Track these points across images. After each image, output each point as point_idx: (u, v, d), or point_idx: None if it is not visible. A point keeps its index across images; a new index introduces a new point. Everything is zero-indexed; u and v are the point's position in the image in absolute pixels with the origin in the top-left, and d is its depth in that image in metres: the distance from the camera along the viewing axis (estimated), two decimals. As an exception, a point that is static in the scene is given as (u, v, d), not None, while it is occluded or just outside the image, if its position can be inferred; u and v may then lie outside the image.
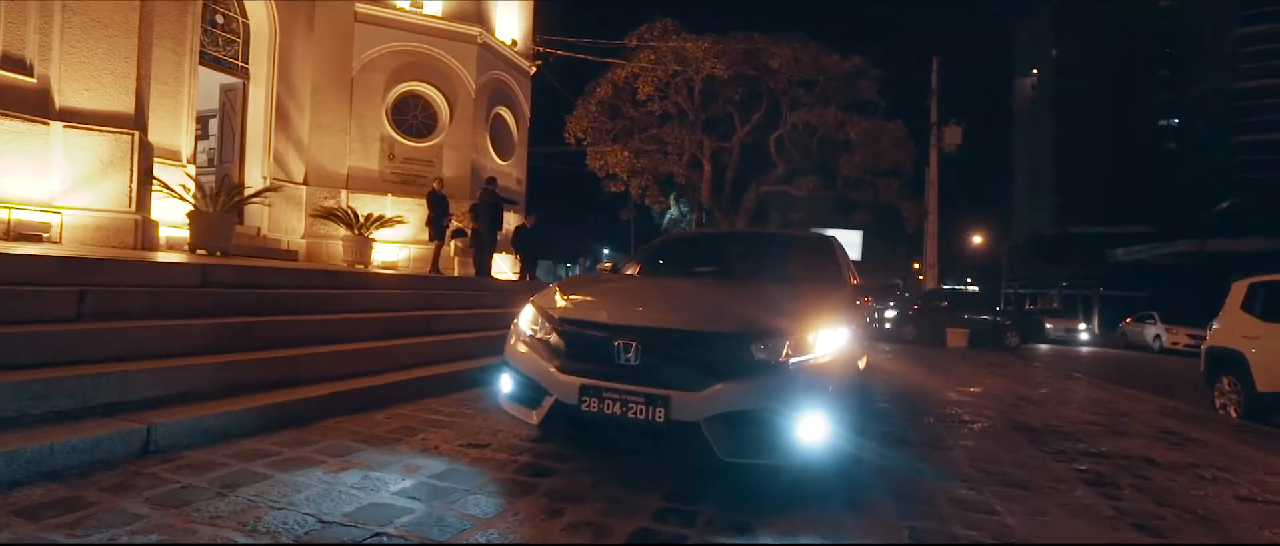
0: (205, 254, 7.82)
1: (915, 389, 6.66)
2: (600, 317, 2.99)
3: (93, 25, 7.21)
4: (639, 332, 2.82)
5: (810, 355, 2.75)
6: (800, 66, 16.01)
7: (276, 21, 11.00)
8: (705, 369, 2.68)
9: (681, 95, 17.25)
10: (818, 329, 2.83)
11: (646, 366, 2.75)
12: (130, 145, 7.42)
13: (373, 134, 12.29)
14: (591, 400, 2.73)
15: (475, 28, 12.94)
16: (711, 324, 2.88)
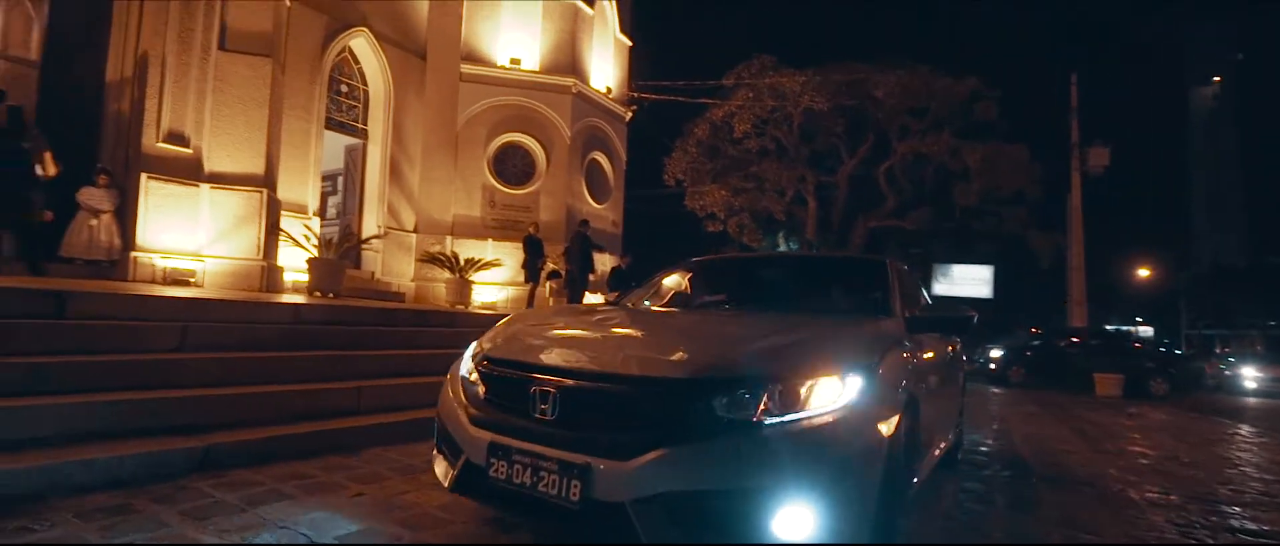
0: (319, 295, 8.65)
1: (1033, 447, 5.94)
2: (521, 355, 2.36)
3: (234, 102, 8.38)
4: (561, 375, 2.16)
5: (802, 413, 1.96)
6: (908, 93, 15.35)
7: (391, 87, 12.20)
8: (645, 427, 1.96)
9: (781, 131, 17.07)
10: (817, 375, 2.05)
11: (566, 421, 2.08)
12: (260, 202, 8.45)
13: (475, 183, 13.17)
14: (499, 464, 2.12)
15: (569, 79, 13.63)
16: (658, 366, 2.11)
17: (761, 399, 1.97)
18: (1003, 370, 14.33)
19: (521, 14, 13.57)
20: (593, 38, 14.46)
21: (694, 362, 2.11)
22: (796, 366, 2.08)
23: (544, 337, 2.53)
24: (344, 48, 11.55)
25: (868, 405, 2.09)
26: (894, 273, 3.40)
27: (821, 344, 2.31)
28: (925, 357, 2.99)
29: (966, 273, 27.71)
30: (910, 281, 3.83)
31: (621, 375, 2.11)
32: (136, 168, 7.77)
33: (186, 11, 8.09)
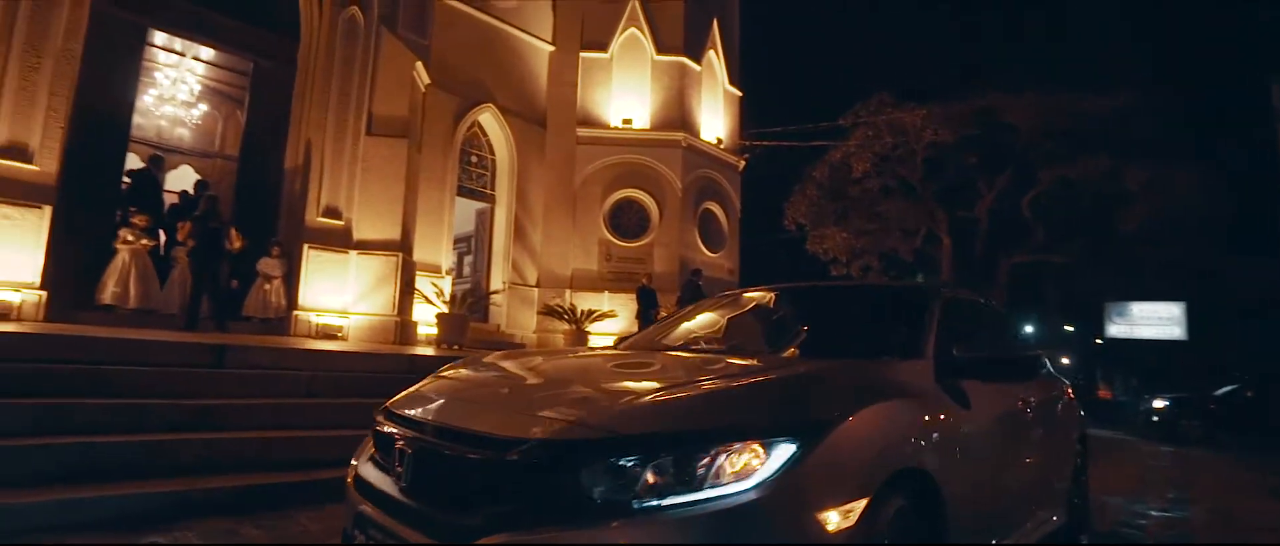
0: (444, 347, 9.49)
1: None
2: (408, 405, 2.05)
3: (377, 179, 9.62)
4: (420, 430, 1.85)
5: (696, 493, 1.46)
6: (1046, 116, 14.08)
7: (515, 154, 13.33)
8: (495, 503, 1.57)
9: (905, 168, 16.31)
10: (726, 441, 1.53)
11: (417, 490, 1.75)
12: (396, 264, 9.54)
13: (592, 238, 13.86)
14: (359, 534, 1.86)
15: (679, 134, 14.08)
16: (518, 424, 1.71)
17: (644, 473, 1.49)
18: (1171, 421, 12.07)
19: (631, 77, 14.33)
20: (701, 92, 14.88)
21: (558, 422, 1.67)
22: (697, 428, 1.59)
23: (451, 384, 2.22)
24: (473, 122, 12.85)
25: (803, 484, 1.52)
26: (938, 305, 2.73)
27: (741, 397, 1.81)
28: (967, 414, 2.28)
29: (1150, 311, 24.10)
30: (974, 317, 3.19)
31: (476, 434, 1.71)
32: (301, 239, 9.12)
33: (341, 105, 9.52)
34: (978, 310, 3.38)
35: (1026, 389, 2.96)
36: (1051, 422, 3.28)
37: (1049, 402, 3.32)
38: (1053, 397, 3.42)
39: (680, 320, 3.51)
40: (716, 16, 15.28)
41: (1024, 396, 2.89)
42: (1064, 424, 3.51)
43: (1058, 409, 3.43)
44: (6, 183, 6.80)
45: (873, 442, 1.77)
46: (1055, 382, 3.64)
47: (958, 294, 3.23)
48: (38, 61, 7.08)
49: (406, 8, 10.45)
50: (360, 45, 9.74)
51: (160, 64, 10.71)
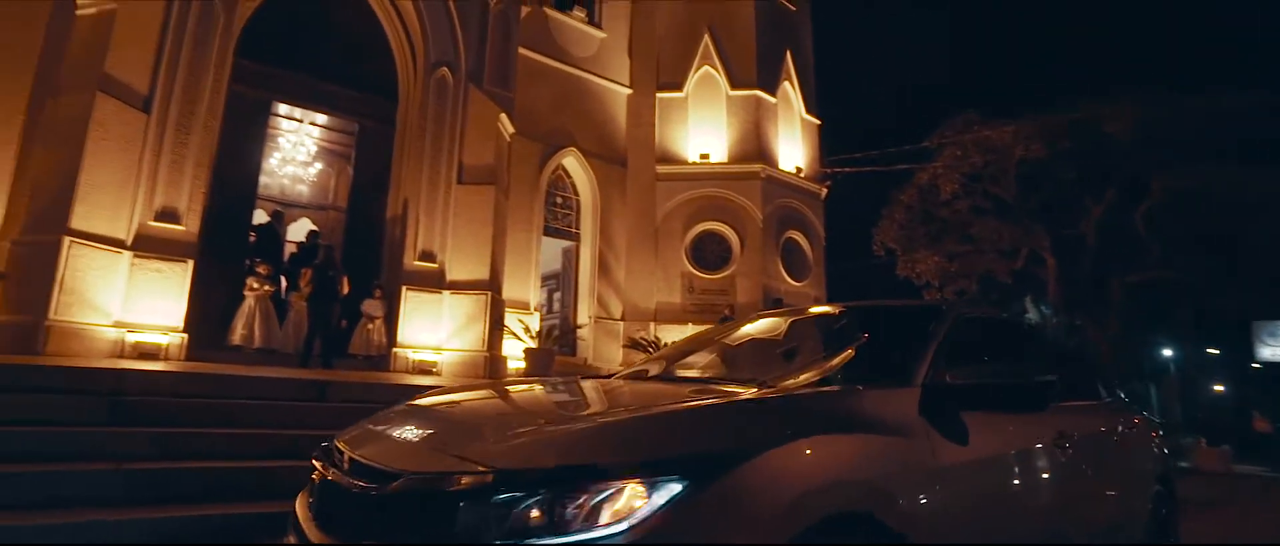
0: (531, 382, 9.87)
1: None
2: (339, 438, 2.03)
3: (466, 224, 10.28)
4: (332, 463, 1.85)
5: (580, 535, 1.37)
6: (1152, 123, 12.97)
7: (597, 193, 13.82)
8: (378, 535, 1.58)
9: (999, 186, 15.44)
10: (606, 481, 1.42)
11: (322, 520, 1.79)
12: (486, 303, 10.08)
13: (674, 272, 14.02)
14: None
15: (757, 165, 14.10)
16: (410, 457, 1.70)
17: (518, 511, 1.41)
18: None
19: (707, 113, 14.57)
20: (778, 123, 14.86)
21: (444, 455, 1.64)
22: (575, 463, 1.48)
23: (395, 416, 2.17)
24: (557, 166, 13.49)
25: (689, 526, 1.39)
26: (944, 325, 2.44)
27: (634, 431, 1.68)
28: (959, 451, 2.00)
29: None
30: (1004, 338, 2.92)
31: (368, 466, 1.69)
32: (400, 281, 9.86)
33: (434, 157, 10.31)
34: (1010, 330, 3.10)
35: (1068, 421, 2.62)
36: (1109, 462, 2.88)
37: (1104, 437, 2.94)
38: (1114, 431, 3.03)
39: (691, 346, 3.39)
40: (789, 48, 15.32)
41: (1064, 429, 2.55)
42: (1132, 463, 3.10)
43: (1121, 444, 3.03)
44: (160, 242, 7.86)
45: (796, 481, 1.57)
46: (1120, 413, 3.26)
47: (977, 312, 2.99)
48: (186, 138, 8.20)
49: (491, 64, 11.25)
50: (449, 102, 10.56)
51: (283, 130, 12.07)
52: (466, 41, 10.92)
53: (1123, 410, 3.32)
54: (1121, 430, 3.10)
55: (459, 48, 10.80)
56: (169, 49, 8.17)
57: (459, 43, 10.80)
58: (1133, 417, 3.32)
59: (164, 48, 8.14)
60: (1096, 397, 3.18)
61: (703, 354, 3.21)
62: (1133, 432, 3.20)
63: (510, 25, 11.82)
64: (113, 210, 7.56)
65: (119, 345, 7.37)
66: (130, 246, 7.64)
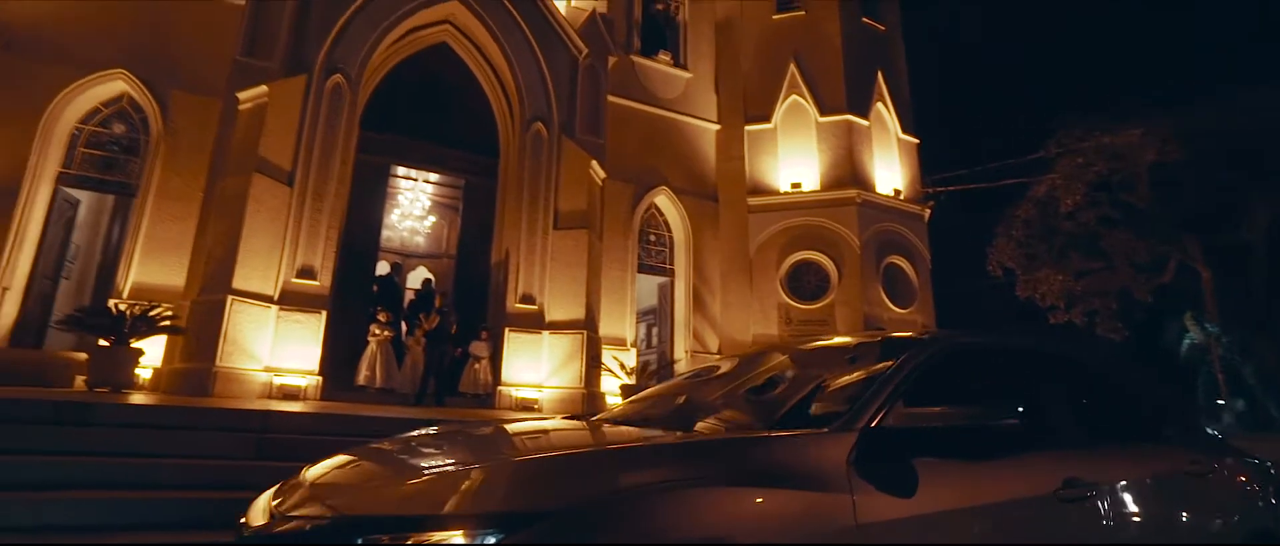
0: (627, 416, 10.17)
1: None
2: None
3: (562, 267, 10.88)
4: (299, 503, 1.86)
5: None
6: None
7: (689, 229, 14.09)
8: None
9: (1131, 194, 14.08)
10: (431, 531, 1.46)
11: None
12: (582, 341, 10.57)
13: (770, 303, 13.91)
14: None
15: (851, 191, 13.80)
16: (326, 501, 1.77)
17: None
18: None
19: (797, 142, 14.51)
20: (872, 145, 14.51)
21: (335, 504, 1.73)
22: (409, 515, 1.52)
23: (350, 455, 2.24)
24: (649, 205, 13.93)
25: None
26: (909, 360, 2.21)
27: (482, 477, 1.67)
28: (901, 508, 1.80)
29: None
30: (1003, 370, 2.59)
31: (280, 515, 1.78)
32: (503, 323, 10.57)
33: (532, 205, 11.05)
34: (1030, 360, 2.70)
35: (1092, 466, 2.26)
36: (1160, 513, 2.44)
37: (1156, 485, 2.47)
38: (1175, 476, 2.55)
39: (673, 388, 3.23)
40: (880, 68, 14.98)
41: (1080, 476, 2.19)
42: (1201, 515, 2.60)
43: (1177, 495, 2.55)
44: (300, 296, 9.03)
45: (650, 536, 1.50)
46: (1198, 455, 2.73)
47: (981, 341, 2.63)
48: (321, 205, 9.41)
49: (582, 115, 11.96)
50: (544, 153, 11.32)
51: (401, 188, 13.39)
52: (558, 96, 11.71)
53: (1206, 452, 2.84)
54: (1193, 476, 2.64)
55: (551, 102, 11.60)
56: (307, 129, 9.47)
57: (551, 98, 11.60)
58: (1214, 461, 2.79)
59: (303, 128, 9.45)
60: (1155, 439, 2.80)
61: (681, 394, 3.07)
62: (1211, 479, 2.70)
63: (599, 77, 12.52)
64: (264, 270, 8.79)
65: (268, 386, 8.48)
66: (277, 301, 8.83)
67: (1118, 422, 2.77)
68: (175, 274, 9.20)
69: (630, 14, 14.46)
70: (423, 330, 9.69)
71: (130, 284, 9.08)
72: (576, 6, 13.23)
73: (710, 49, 15.43)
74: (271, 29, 9.72)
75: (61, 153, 9.39)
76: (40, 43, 9.25)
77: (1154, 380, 3.41)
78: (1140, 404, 2.99)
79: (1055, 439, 2.37)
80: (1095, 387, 2.89)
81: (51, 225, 9.37)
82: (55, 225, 9.46)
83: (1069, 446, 2.34)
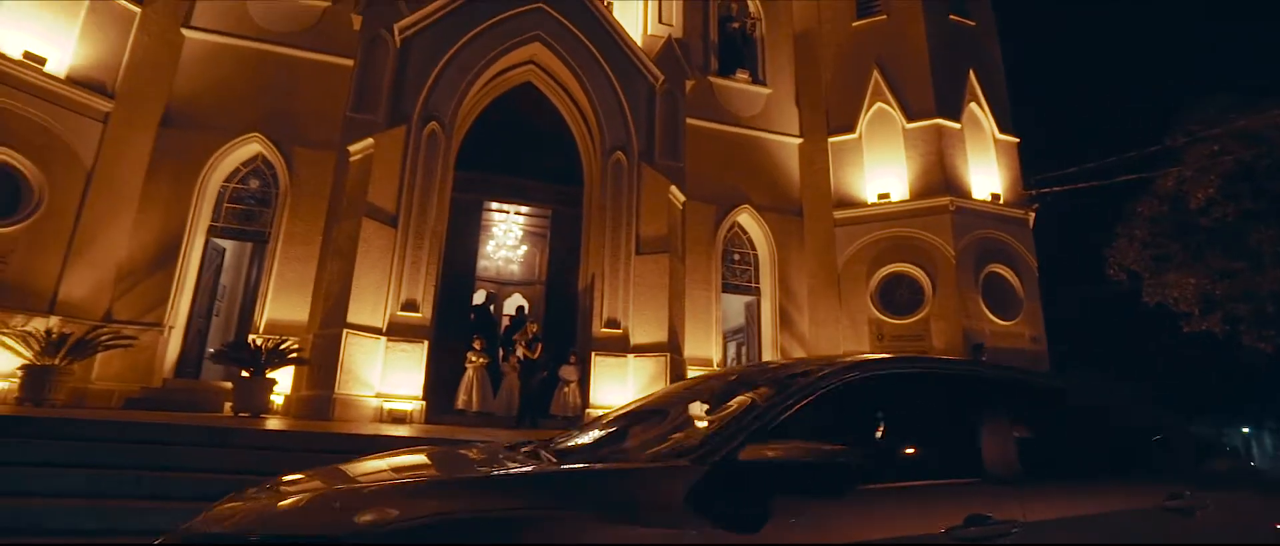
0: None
1: None
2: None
3: (644, 291, 11.17)
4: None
5: None
6: None
7: (773, 246, 13.98)
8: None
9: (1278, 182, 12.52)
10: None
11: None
12: (665, 363, 10.79)
13: (861, 318, 13.51)
14: None
15: (944, 199, 13.19)
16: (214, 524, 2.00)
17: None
18: None
19: (883, 151, 14.09)
20: (965, 148, 13.82)
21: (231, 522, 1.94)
22: (256, 538, 1.79)
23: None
24: (732, 224, 13.97)
25: None
26: (805, 387, 2.17)
27: (316, 503, 1.96)
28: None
29: None
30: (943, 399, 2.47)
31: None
32: (590, 347, 10.99)
33: (614, 232, 11.44)
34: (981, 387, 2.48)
35: (1009, 501, 2.09)
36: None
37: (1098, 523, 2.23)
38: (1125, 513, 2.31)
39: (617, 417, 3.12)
40: (971, 67, 14.27)
41: (985, 511, 2.03)
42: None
43: (1142, 533, 2.30)
44: (405, 328, 9.87)
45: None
46: (1157, 488, 2.43)
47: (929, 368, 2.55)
48: (421, 243, 10.26)
49: (661, 141, 12.25)
50: (625, 181, 11.70)
51: (495, 221, 14.26)
52: (637, 124, 12.09)
53: (1201, 485, 2.55)
54: (1175, 512, 2.39)
55: (630, 131, 11.99)
56: (407, 175, 10.38)
57: (629, 127, 12.00)
58: (1210, 496, 2.50)
59: (404, 174, 10.37)
60: (1127, 471, 2.56)
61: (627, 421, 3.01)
62: (1199, 515, 2.41)
63: (676, 102, 12.79)
64: (373, 305, 9.69)
65: (379, 411, 9.32)
66: (385, 332, 9.70)
67: (1076, 454, 2.57)
68: (300, 310, 10.34)
69: (707, 37, 14.67)
70: (516, 357, 10.29)
71: (265, 320, 10.30)
72: (653, 35, 13.64)
73: (789, 62, 15.32)
74: (375, 85, 10.78)
75: (211, 208, 10.84)
76: (197, 116, 10.76)
77: (1137, 407, 2.94)
78: (1110, 433, 2.73)
79: (973, 471, 2.21)
80: (1048, 416, 2.70)
81: (204, 271, 10.81)
82: (207, 271, 10.90)
83: (993, 480, 2.20)
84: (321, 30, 11.65)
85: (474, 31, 11.33)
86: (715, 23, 14.93)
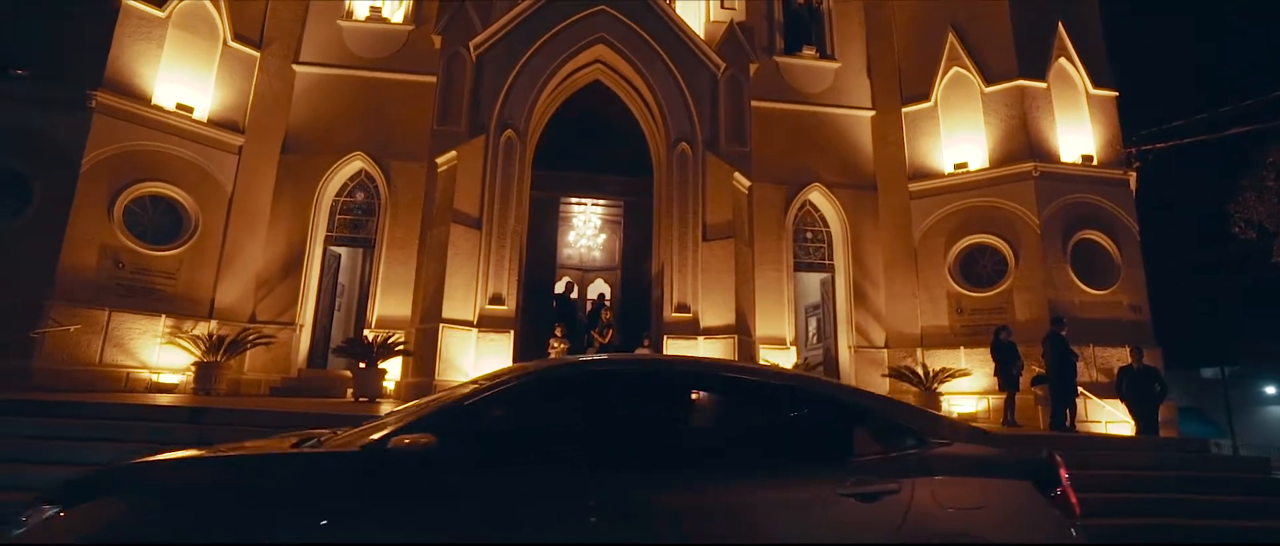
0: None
1: None
2: None
3: (712, 276, 11.62)
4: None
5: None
6: None
7: (846, 223, 13.94)
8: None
9: None
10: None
11: None
12: (734, 344, 11.26)
13: (939, 293, 13.26)
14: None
15: (1027, 164, 12.60)
16: None
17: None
18: None
19: (960, 118, 13.60)
20: (1052, 109, 13.06)
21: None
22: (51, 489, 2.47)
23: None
24: (803, 203, 14.06)
25: (42, 538, 2.35)
26: (514, 385, 2.77)
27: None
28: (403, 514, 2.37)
29: None
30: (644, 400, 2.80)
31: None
32: (662, 331, 11.65)
33: (681, 221, 11.94)
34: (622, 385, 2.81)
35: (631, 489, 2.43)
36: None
37: (726, 510, 2.47)
38: (776, 503, 2.50)
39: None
40: (1060, 19, 13.36)
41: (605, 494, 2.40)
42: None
43: (800, 521, 2.46)
44: (493, 320, 10.95)
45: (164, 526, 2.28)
46: (840, 477, 2.57)
47: (554, 373, 2.92)
48: (504, 242, 11.26)
49: (726, 127, 12.52)
50: (690, 170, 12.13)
51: (573, 213, 15.15)
52: (700, 114, 12.43)
53: (899, 473, 2.62)
54: (859, 498, 2.53)
55: (693, 121, 12.36)
56: (488, 180, 11.38)
57: (693, 117, 12.36)
58: (907, 482, 2.58)
59: (485, 179, 11.38)
60: (814, 460, 2.70)
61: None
62: (890, 500, 2.53)
63: (740, 86, 12.98)
64: (464, 301, 10.83)
65: (474, 396, 10.50)
66: (475, 325, 10.82)
67: (755, 443, 2.81)
68: (404, 306, 11.72)
69: (771, 16, 14.64)
70: (596, 346, 11.16)
71: (376, 316, 11.78)
72: (716, 21, 13.84)
73: (860, 33, 14.98)
74: (456, 99, 11.82)
75: (326, 220, 12.42)
76: (310, 141, 12.34)
77: (864, 400, 2.99)
78: (802, 425, 2.85)
79: (611, 462, 2.52)
80: (727, 408, 2.92)
81: (324, 275, 12.45)
82: (327, 274, 12.53)
83: (637, 468, 2.50)
84: (408, 52, 12.86)
85: (541, 41, 12.07)
86: (780, 1, 14.84)
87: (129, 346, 10.54)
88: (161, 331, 10.75)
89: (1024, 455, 2.91)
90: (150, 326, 10.71)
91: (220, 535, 2.22)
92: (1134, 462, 8.05)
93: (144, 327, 10.65)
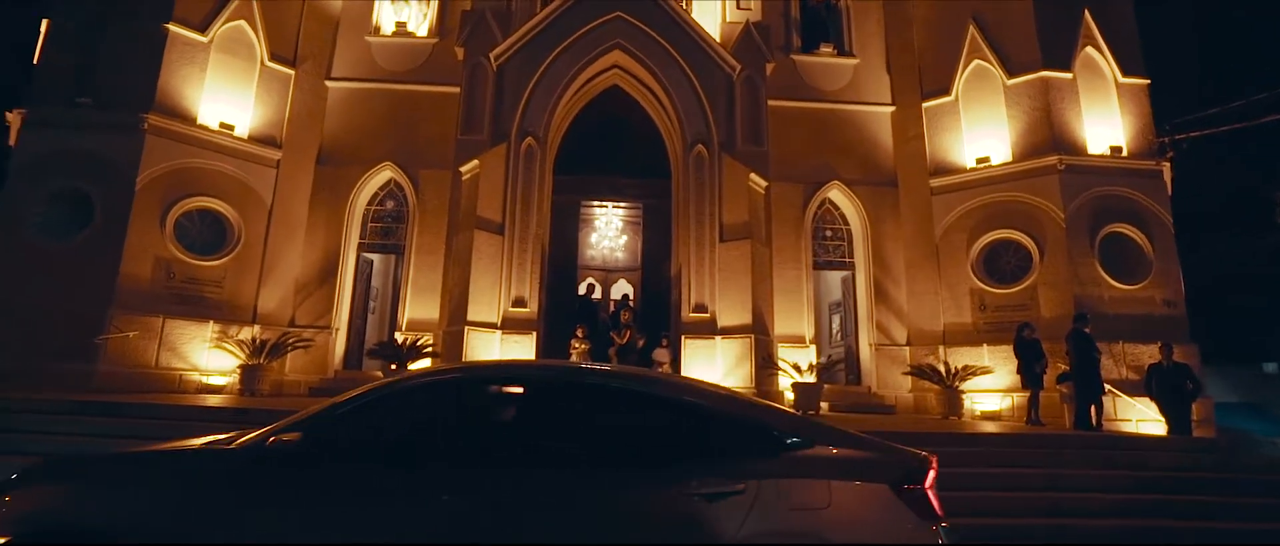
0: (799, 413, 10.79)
1: None
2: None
3: (729, 276, 11.80)
4: None
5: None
6: None
7: (866, 220, 13.89)
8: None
9: None
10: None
11: None
12: (751, 344, 11.44)
13: (961, 289, 13.13)
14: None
15: (1050, 157, 12.37)
16: None
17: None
18: None
19: (982, 112, 13.43)
20: (1078, 100, 12.79)
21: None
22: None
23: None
24: (822, 201, 14.05)
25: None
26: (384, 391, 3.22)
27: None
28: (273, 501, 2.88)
29: None
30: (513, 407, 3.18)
31: None
32: (681, 331, 11.89)
33: (698, 222, 12.13)
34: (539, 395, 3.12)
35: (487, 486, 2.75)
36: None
37: (569, 511, 2.76)
38: (630, 503, 2.77)
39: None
40: (1086, 7, 13.03)
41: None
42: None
43: (643, 520, 2.71)
44: (516, 322, 11.36)
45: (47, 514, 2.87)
46: (691, 482, 2.75)
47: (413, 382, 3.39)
48: (526, 246, 11.65)
49: (742, 128, 12.65)
50: (706, 172, 12.31)
51: (594, 215, 15.49)
52: (716, 116, 12.58)
53: (748, 475, 2.76)
54: (707, 498, 2.70)
55: (709, 123, 12.52)
56: (510, 187, 11.78)
57: (708, 119, 12.53)
58: (756, 482, 2.73)
59: (507, 186, 11.78)
60: (669, 463, 2.85)
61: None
62: (737, 500, 2.68)
63: (756, 86, 13.08)
64: (488, 304, 11.28)
65: (498, 396, 10.93)
66: (500, 327, 11.25)
67: (603, 446, 2.99)
68: (432, 309, 12.25)
69: (788, 15, 14.66)
70: (614, 347, 11.48)
71: (406, 319, 12.34)
72: (732, 21, 13.95)
73: (878, 28, 14.87)
74: (479, 109, 12.26)
75: (358, 227, 13.04)
76: (342, 152, 12.99)
77: (675, 400, 3.12)
78: (652, 429, 3.00)
79: (467, 461, 2.87)
80: (579, 414, 3.08)
81: (358, 280, 13.07)
82: (360, 280, 13.16)
83: (498, 466, 2.82)
84: (432, 64, 13.38)
85: (558, 48, 12.40)
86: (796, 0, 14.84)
87: (181, 350, 11.33)
88: (209, 336, 11.52)
89: (883, 457, 2.97)
90: (199, 332, 11.48)
91: (125, 518, 2.73)
92: (1153, 463, 7.91)
93: (194, 333, 11.44)
